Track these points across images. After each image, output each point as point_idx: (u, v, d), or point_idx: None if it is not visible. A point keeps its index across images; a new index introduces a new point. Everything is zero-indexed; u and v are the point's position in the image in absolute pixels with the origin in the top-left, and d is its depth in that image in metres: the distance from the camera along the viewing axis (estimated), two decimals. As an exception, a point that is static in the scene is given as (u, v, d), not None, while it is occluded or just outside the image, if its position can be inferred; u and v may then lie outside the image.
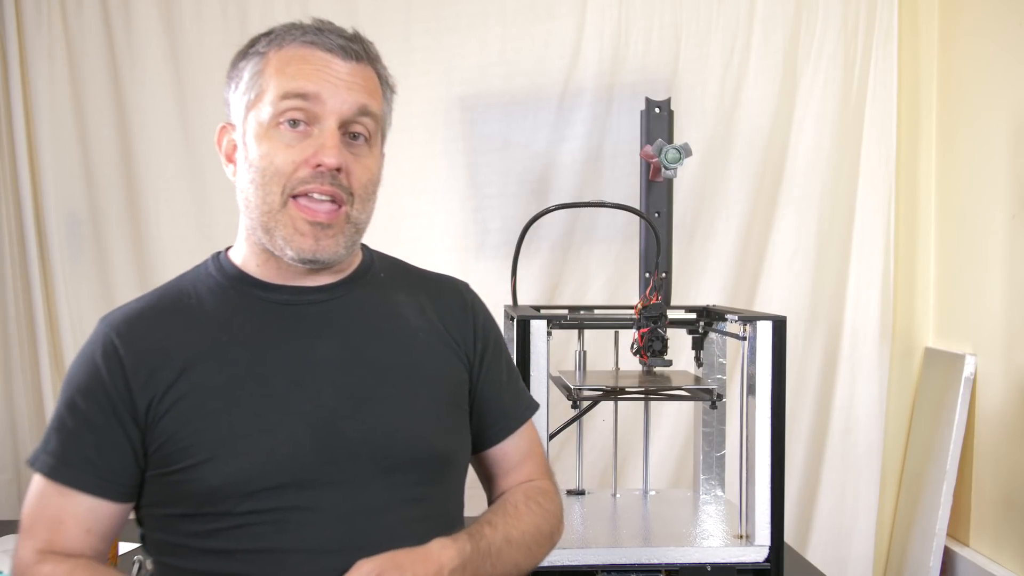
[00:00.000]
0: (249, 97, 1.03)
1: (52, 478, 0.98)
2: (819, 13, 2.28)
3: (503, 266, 1.74)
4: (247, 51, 1.06)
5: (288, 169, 0.99)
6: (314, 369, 1.02)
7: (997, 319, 2.03)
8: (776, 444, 1.42)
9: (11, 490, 2.27)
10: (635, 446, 2.05)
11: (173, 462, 0.97)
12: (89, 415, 0.98)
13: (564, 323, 1.58)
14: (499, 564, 1.04)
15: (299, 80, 0.99)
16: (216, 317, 1.03)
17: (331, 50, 1.01)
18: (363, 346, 1.06)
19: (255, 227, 1.03)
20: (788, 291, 2.31)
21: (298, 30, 1.03)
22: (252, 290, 1.05)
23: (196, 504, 0.97)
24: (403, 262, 1.20)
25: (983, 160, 2.10)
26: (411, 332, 1.09)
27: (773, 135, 2.29)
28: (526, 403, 1.20)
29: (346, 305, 1.08)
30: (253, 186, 1.01)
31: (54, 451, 0.99)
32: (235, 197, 1.09)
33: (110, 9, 2.23)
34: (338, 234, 1.01)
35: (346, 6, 2.22)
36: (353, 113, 1.00)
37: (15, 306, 2.25)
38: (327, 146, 0.98)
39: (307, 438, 0.99)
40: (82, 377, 1.00)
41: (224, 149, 1.08)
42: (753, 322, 1.42)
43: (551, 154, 2.29)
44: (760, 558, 1.42)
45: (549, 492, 1.17)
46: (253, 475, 0.96)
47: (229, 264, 1.08)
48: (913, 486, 2.27)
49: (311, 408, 1.00)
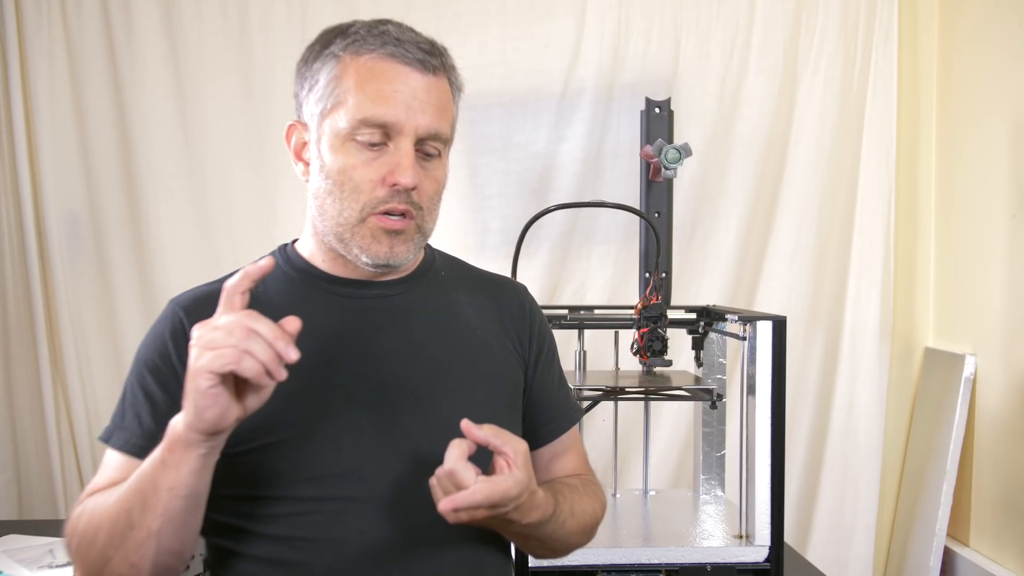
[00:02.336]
0: (325, 105, 1.02)
1: (128, 452, 0.99)
2: (819, 13, 2.28)
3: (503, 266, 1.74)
4: (321, 51, 1.04)
5: (366, 188, 1.01)
6: (378, 362, 1.04)
7: (997, 319, 2.03)
8: (776, 444, 1.42)
9: (11, 490, 2.27)
10: (635, 446, 2.05)
11: (235, 444, 0.97)
12: (158, 391, 1.00)
13: (564, 323, 1.58)
14: (560, 532, 1.06)
15: (380, 106, 0.99)
16: (283, 305, 1.05)
17: (410, 63, 1.01)
18: (425, 342, 1.08)
19: (327, 232, 1.04)
20: (788, 291, 2.31)
21: (377, 38, 1.02)
22: (319, 282, 1.08)
23: (258, 487, 0.98)
24: (463, 262, 1.22)
25: (983, 160, 2.10)
26: (470, 331, 1.12)
27: (773, 135, 2.29)
28: (574, 406, 1.24)
29: (409, 302, 1.10)
30: (331, 198, 1.02)
31: (129, 426, 1.00)
32: (235, 197, 1.09)
33: (110, 9, 2.23)
34: (408, 240, 1.04)
35: (346, 6, 2.22)
36: (427, 135, 1.03)
37: (15, 306, 2.25)
38: (404, 166, 1.00)
39: (371, 428, 1.01)
40: (150, 354, 1.02)
41: (293, 147, 1.08)
42: (753, 322, 1.42)
43: (551, 154, 2.29)
44: (760, 558, 1.42)
45: (599, 487, 1.20)
46: (318, 460, 0.98)
47: (296, 256, 1.10)
48: (913, 486, 2.27)
49: (376, 400, 1.03)
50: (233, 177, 2.25)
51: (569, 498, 1.08)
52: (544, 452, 1.18)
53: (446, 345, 1.09)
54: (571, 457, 1.20)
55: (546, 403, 1.18)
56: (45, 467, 2.27)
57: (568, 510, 1.07)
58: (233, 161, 2.25)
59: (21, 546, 1.74)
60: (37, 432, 2.27)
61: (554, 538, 1.06)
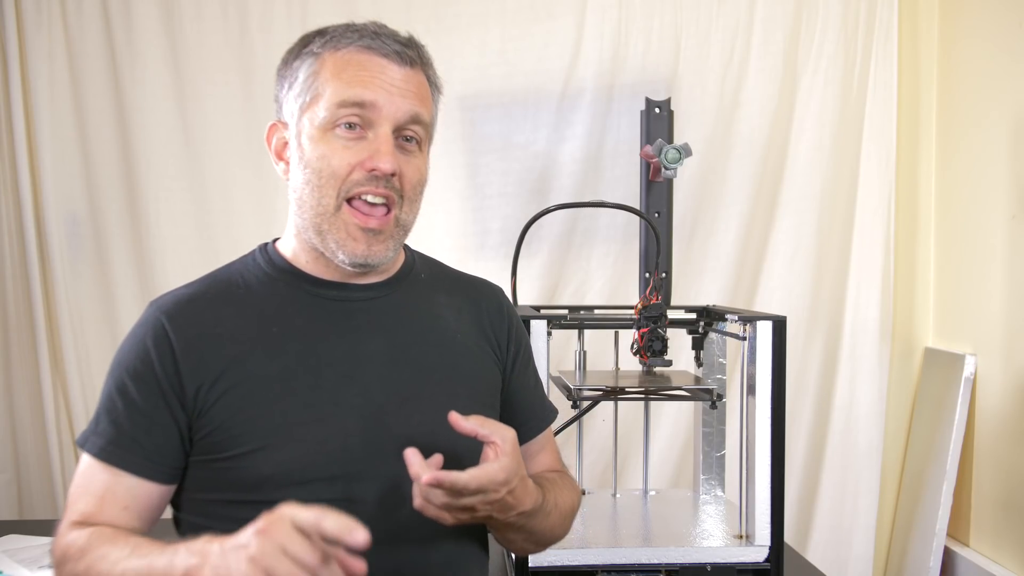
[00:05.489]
0: (304, 99, 1.04)
1: (100, 458, 0.99)
2: (819, 13, 2.28)
3: (503, 266, 1.74)
4: (300, 51, 1.06)
5: (344, 171, 1.01)
6: (363, 364, 1.05)
7: (997, 319, 2.03)
8: (776, 444, 1.42)
9: (11, 490, 2.27)
10: (635, 446, 2.05)
11: (223, 449, 0.98)
12: (138, 397, 0.99)
13: (564, 323, 1.58)
14: (547, 523, 1.08)
15: (356, 88, 1.01)
16: (266, 308, 1.05)
17: (387, 55, 1.04)
18: (408, 344, 1.09)
19: (307, 227, 1.05)
20: (788, 291, 2.31)
21: (354, 33, 1.04)
22: (302, 284, 1.08)
23: (245, 491, 0.98)
24: (441, 263, 1.23)
25: (983, 160, 2.10)
26: (451, 333, 1.13)
27: (773, 135, 2.29)
28: (549, 407, 1.25)
29: (391, 304, 1.11)
30: (309, 187, 1.03)
31: (104, 432, 1.00)
32: (235, 197, 1.10)
33: (110, 9, 2.23)
34: (387, 239, 1.05)
35: (346, 6, 2.22)
36: (406, 120, 1.03)
37: (15, 306, 2.25)
38: (383, 152, 1.01)
39: (358, 431, 1.02)
40: (132, 359, 1.01)
41: (274, 147, 1.10)
42: (753, 322, 1.42)
43: (551, 154, 2.29)
44: (760, 558, 1.42)
45: (574, 481, 1.23)
46: (306, 464, 0.99)
47: (279, 257, 1.10)
48: (913, 486, 2.27)
49: (362, 402, 1.03)
50: (233, 177, 2.24)
51: (552, 490, 1.11)
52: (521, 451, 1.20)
53: (428, 347, 1.10)
54: (546, 455, 1.22)
55: (523, 403, 1.20)
56: (45, 467, 2.27)
57: (553, 501, 1.09)
58: (233, 161, 2.24)
59: (21, 546, 1.74)
60: (37, 432, 2.27)
61: (540, 529, 1.08)
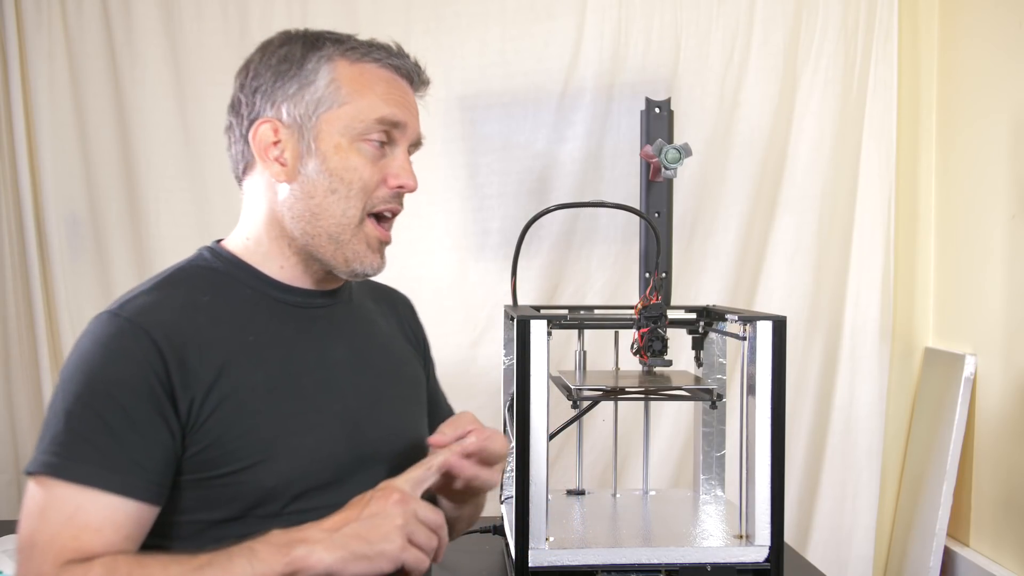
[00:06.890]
0: (326, 103, 1.02)
1: (94, 486, 0.88)
2: (819, 13, 2.28)
3: (503, 266, 1.75)
4: (310, 52, 1.03)
5: (372, 186, 1.04)
6: (333, 371, 1.06)
7: (997, 319, 2.03)
8: (776, 444, 1.41)
9: (11, 490, 2.27)
10: (635, 446, 2.05)
11: (218, 465, 0.95)
12: (132, 413, 0.91)
13: (564, 323, 1.57)
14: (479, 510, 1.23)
15: (393, 107, 1.04)
16: (236, 315, 1.03)
17: (407, 77, 1.08)
18: (364, 350, 1.12)
19: (316, 234, 1.03)
20: (788, 291, 2.31)
21: (371, 47, 1.06)
22: (268, 289, 1.06)
23: (243, 507, 0.96)
24: None
25: (983, 160, 2.10)
26: (388, 338, 1.19)
27: (773, 135, 2.29)
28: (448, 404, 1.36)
29: (344, 311, 1.14)
30: (335, 196, 1.02)
31: (87, 456, 0.89)
32: (235, 197, 1.09)
33: (110, 9, 2.23)
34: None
35: (346, 6, 2.22)
36: (416, 140, 1.10)
37: (15, 306, 2.25)
38: (408, 171, 1.06)
39: (342, 437, 1.04)
40: (117, 372, 0.92)
41: (260, 144, 1.05)
42: (753, 322, 1.42)
43: (551, 154, 2.29)
44: (760, 558, 1.42)
45: None
46: (305, 474, 1.00)
47: (235, 258, 1.08)
48: (913, 486, 2.27)
49: (340, 408, 1.05)
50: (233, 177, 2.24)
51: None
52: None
53: (377, 352, 1.15)
54: None
55: (437, 404, 1.29)
56: (45, 467, 2.27)
57: None
58: (233, 161, 2.24)
59: (21, 546, 1.74)
60: (37, 432, 2.26)
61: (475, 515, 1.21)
